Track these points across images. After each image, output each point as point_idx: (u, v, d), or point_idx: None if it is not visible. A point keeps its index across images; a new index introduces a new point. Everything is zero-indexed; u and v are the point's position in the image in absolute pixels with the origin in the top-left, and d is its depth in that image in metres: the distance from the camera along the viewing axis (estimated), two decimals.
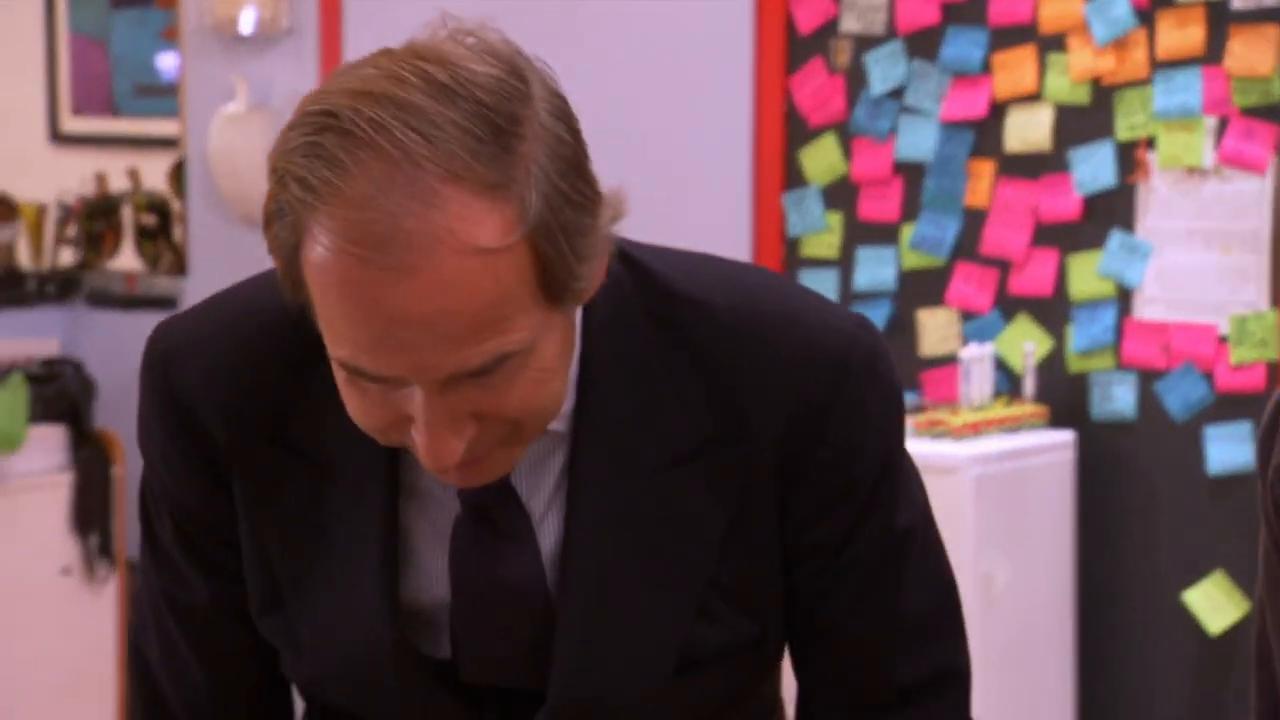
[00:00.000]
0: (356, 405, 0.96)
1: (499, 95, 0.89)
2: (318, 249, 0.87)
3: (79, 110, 6.65)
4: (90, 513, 4.94)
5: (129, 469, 4.95)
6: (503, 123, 0.88)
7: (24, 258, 5.91)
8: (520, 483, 1.10)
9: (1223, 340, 3.85)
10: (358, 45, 5.09)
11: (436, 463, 0.95)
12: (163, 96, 6.28)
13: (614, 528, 1.13)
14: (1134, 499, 4.04)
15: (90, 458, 5.02)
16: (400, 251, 0.85)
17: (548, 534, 1.14)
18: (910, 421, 3.79)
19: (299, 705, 1.39)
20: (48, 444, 4.99)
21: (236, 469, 1.16)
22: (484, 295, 0.88)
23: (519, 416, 0.97)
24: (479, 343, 0.89)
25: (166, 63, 6.22)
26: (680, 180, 4.62)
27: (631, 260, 1.11)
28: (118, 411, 5.03)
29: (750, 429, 1.10)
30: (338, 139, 0.85)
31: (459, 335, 0.88)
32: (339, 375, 0.95)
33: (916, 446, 3.79)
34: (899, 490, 1.19)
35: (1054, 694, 3.95)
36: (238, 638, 1.26)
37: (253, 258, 1.37)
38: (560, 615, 1.14)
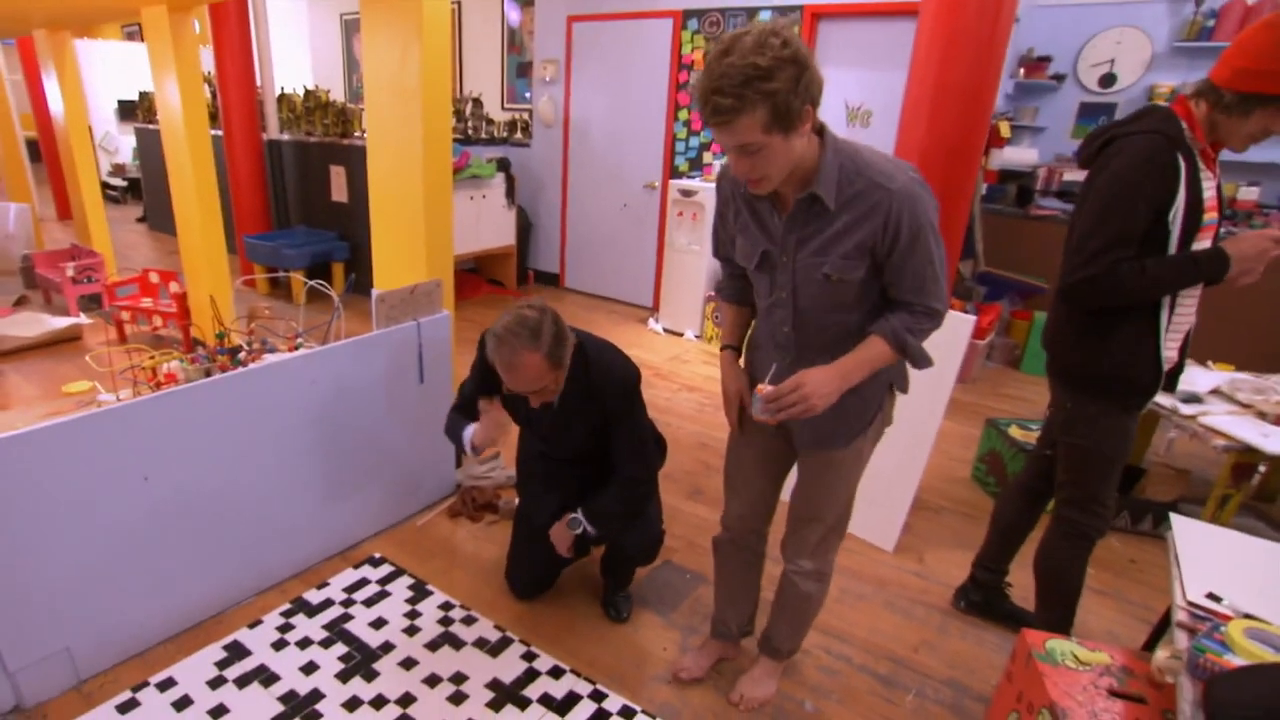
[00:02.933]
0: (513, 393, 1.97)
1: (538, 324, 1.86)
2: (497, 367, 1.89)
3: None
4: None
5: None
6: (537, 332, 1.86)
7: None
8: (555, 402, 2.10)
9: None
10: None
11: (535, 403, 2.00)
12: None
13: (563, 421, 2.14)
14: None
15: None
16: (515, 367, 1.86)
17: (557, 417, 2.15)
18: None
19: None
20: None
21: (491, 376, 2.11)
22: (536, 369, 1.87)
23: (550, 392, 1.97)
24: (539, 382, 1.90)
25: None
26: None
27: (582, 349, 2.05)
28: None
29: (602, 399, 2.07)
30: (493, 340, 1.87)
31: (533, 381, 1.90)
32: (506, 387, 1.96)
33: None
34: (634, 414, 2.12)
35: None
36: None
37: None
38: (546, 431, 2.21)
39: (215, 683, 2.04)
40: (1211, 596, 1.74)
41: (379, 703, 2.03)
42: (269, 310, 3.95)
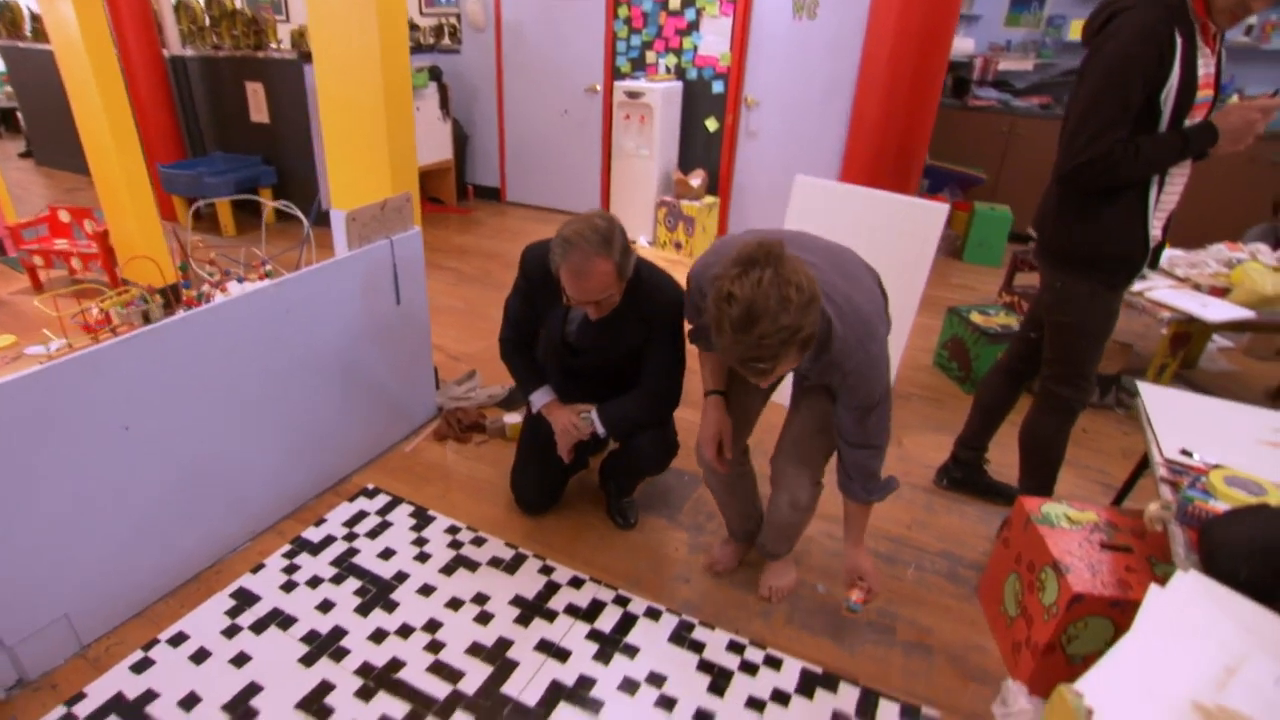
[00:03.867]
0: (574, 303, 1.87)
1: (609, 232, 1.79)
2: (563, 273, 1.80)
3: None
4: None
5: None
6: (609, 240, 1.78)
7: None
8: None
9: None
10: None
11: (594, 315, 1.91)
12: None
13: (608, 334, 2.03)
14: None
15: None
16: (585, 274, 1.78)
17: (602, 328, 2.01)
18: None
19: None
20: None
21: (534, 291, 2.07)
22: (606, 278, 1.81)
23: (609, 304, 1.89)
24: (606, 291, 1.84)
25: None
26: None
27: (636, 269, 1.95)
28: None
29: (650, 316, 1.98)
30: (564, 245, 1.77)
31: (600, 290, 1.83)
32: (569, 297, 1.86)
33: None
34: (676, 332, 2.02)
35: None
36: (533, 328, 2.18)
37: None
38: (587, 344, 2.09)
39: (230, 632, 1.93)
40: (1184, 452, 1.84)
41: (405, 631, 1.96)
42: (202, 243, 3.61)
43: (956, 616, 2.11)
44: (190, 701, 1.73)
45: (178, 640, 1.90)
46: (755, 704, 1.79)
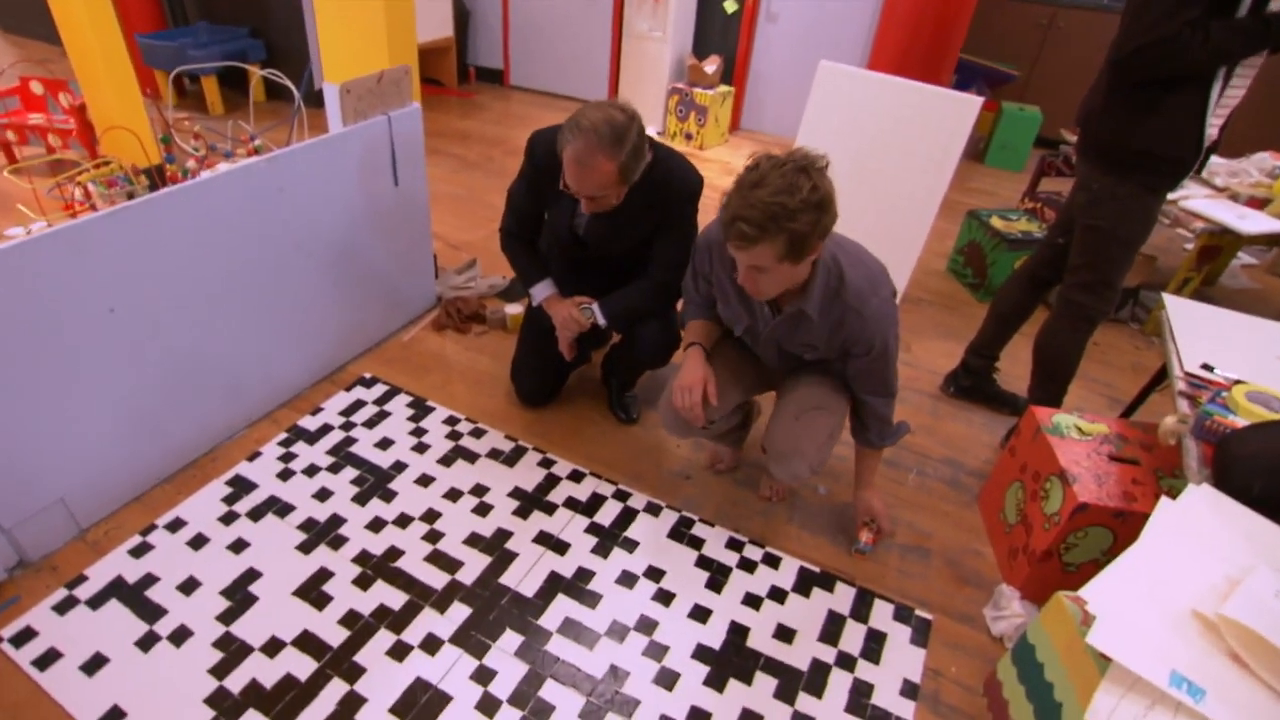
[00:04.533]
0: (569, 189, 1.77)
1: (624, 129, 1.70)
2: (565, 156, 1.71)
3: None
4: None
5: None
6: (621, 139, 1.69)
7: None
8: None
9: None
10: None
11: (586, 209, 1.82)
12: None
13: (618, 223, 1.94)
14: None
15: None
16: (586, 166, 1.69)
17: (612, 221, 1.93)
18: None
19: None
20: None
21: (542, 179, 1.95)
22: (606, 178, 1.72)
23: (604, 203, 1.80)
24: (603, 190, 1.75)
25: None
26: None
27: (655, 155, 1.84)
28: None
29: (664, 206, 1.89)
30: (574, 129, 1.68)
31: (597, 187, 1.74)
32: (564, 182, 1.77)
33: None
34: (689, 222, 1.95)
35: None
36: (535, 220, 2.10)
37: None
38: (595, 234, 1.99)
39: (227, 518, 1.93)
40: (1205, 366, 1.79)
41: (403, 521, 1.96)
42: (188, 120, 3.44)
43: (955, 522, 2.12)
44: (189, 586, 1.74)
45: (175, 526, 1.90)
46: (752, 600, 1.82)
